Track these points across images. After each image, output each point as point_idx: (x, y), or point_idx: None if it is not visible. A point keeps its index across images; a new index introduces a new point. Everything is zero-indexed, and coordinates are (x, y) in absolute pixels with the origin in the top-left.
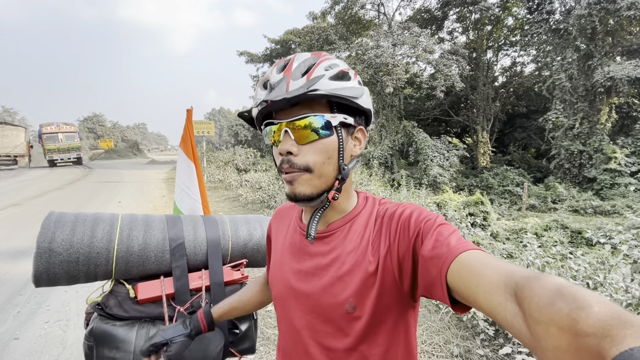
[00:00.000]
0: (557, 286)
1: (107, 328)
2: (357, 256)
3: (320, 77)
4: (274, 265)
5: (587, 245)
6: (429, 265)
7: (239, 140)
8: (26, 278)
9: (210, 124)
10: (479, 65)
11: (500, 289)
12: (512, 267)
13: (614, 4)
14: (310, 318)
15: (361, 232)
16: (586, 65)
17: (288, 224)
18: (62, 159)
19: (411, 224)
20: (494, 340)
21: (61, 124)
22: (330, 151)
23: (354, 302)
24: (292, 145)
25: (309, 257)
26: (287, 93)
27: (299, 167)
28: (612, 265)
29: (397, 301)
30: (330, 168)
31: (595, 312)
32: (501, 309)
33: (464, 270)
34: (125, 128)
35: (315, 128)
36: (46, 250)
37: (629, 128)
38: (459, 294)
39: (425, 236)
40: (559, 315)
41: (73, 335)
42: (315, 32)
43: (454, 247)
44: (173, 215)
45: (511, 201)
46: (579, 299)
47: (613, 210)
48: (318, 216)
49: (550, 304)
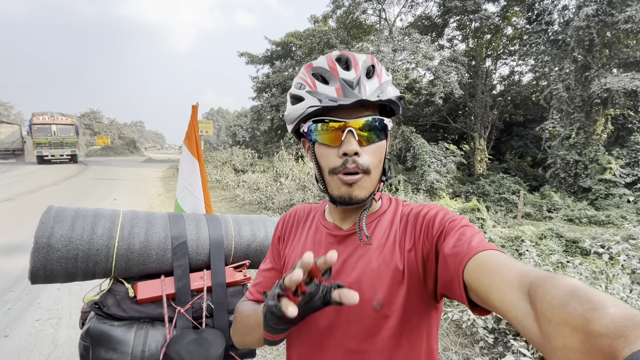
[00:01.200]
0: (572, 287)
1: (105, 328)
2: (385, 253)
3: (388, 82)
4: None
5: (581, 255)
6: (449, 262)
7: (237, 141)
8: (18, 274)
9: (209, 124)
10: (477, 73)
11: (513, 287)
12: (527, 267)
13: (612, 17)
14: (334, 318)
15: (387, 230)
16: (583, 76)
17: (308, 225)
18: (54, 155)
19: (436, 223)
20: (493, 348)
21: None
22: (382, 154)
23: (382, 299)
24: (357, 146)
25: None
26: (368, 95)
27: (362, 168)
28: (614, 275)
29: (422, 301)
30: (379, 170)
31: (609, 314)
32: (512, 307)
33: (480, 268)
34: (123, 125)
35: (378, 131)
36: (44, 245)
37: (624, 139)
38: (474, 292)
39: (448, 235)
40: (572, 315)
41: (65, 334)
42: (317, 35)
43: (474, 246)
44: (175, 213)
45: (507, 209)
46: (594, 300)
47: (607, 221)
48: (365, 216)
49: (563, 304)
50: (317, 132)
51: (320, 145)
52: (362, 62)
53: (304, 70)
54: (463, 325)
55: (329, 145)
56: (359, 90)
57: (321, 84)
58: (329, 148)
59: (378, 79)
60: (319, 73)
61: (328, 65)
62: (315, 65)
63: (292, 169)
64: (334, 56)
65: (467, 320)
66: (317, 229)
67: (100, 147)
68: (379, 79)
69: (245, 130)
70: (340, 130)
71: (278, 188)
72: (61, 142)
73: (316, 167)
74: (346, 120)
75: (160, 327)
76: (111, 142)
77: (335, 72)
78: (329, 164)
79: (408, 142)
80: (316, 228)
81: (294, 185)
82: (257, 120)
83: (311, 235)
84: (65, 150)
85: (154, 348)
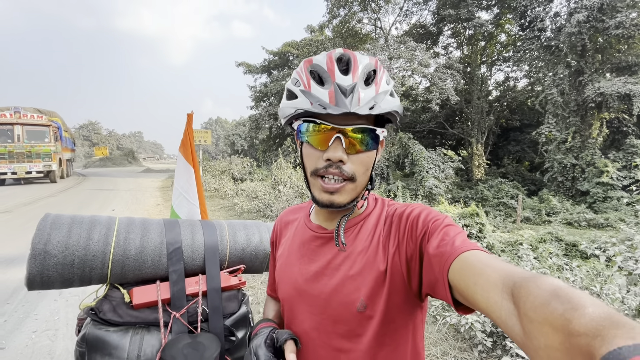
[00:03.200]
0: (554, 287)
1: (100, 334)
2: (368, 256)
3: (386, 92)
4: (281, 268)
5: (581, 258)
6: (433, 262)
7: (235, 150)
8: (14, 286)
9: (207, 133)
10: (473, 80)
11: (497, 287)
12: (511, 268)
13: (603, 23)
14: (320, 319)
15: (371, 232)
16: (577, 81)
17: (295, 226)
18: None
19: (419, 223)
20: (492, 352)
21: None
22: (370, 163)
23: (365, 301)
24: (343, 153)
25: (319, 257)
26: (360, 107)
27: (346, 175)
28: (609, 276)
29: (406, 301)
30: (365, 178)
31: (588, 313)
32: (497, 307)
33: (464, 269)
34: (121, 136)
35: (368, 141)
36: (41, 252)
37: (619, 142)
38: (459, 292)
39: (432, 235)
40: (553, 315)
41: (61, 345)
42: (313, 45)
43: (457, 247)
44: (171, 220)
45: (506, 213)
46: (574, 299)
47: (606, 223)
48: (344, 222)
49: (545, 303)
50: (306, 133)
51: (307, 145)
52: (364, 66)
53: (303, 65)
54: (461, 330)
55: (316, 148)
56: (351, 99)
57: (316, 85)
58: (316, 150)
59: (376, 88)
60: (316, 71)
61: (327, 65)
62: (314, 62)
63: (290, 177)
64: (335, 55)
65: (465, 324)
66: (303, 230)
67: (98, 158)
68: (376, 88)
69: (243, 139)
70: (329, 135)
71: (276, 196)
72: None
73: (302, 166)
74: (336, 125)
75: (156, 332)
76: (110, 153)
77: (332, 74)
78: (312, 165)
79: (406, 148)
80: (302, 230)
81: (293, 193)
82: (256, 129)
83: (298, 237)
84: (35, 164)
85: (150, 353)
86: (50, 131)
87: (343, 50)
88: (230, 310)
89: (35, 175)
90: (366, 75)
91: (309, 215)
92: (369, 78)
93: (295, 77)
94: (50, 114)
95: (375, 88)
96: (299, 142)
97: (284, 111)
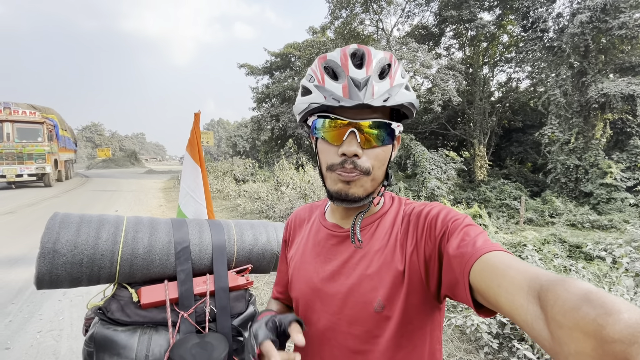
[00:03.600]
0: (584, 291)
1: (109, 333)
2: (385, 255)
3: (400, 85)
4: (296, 266)
5: (585, 260)
6: (453, 263)
7: (238, 151)
8: (19, 286)
9: (209, 134)
10: (475, 81)
11: (523, 290)
12: (536, 270)
13: (606, 24)
14: (336, 319)
15: (389, 231)
16: (580, 81)
17: (309, 225)
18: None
19: (438, 222)
20: (498, 354)
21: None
22: (386, 158)
23: (383, 301)
24: (358, 147)
25: (335, 256)
26: (373, 100)
27: (361, 169)
28: (617, 277)
29: (424, 302)
30: (381, 173)
31: (624, 319)
32: (522, 311)
33: (487, 270)
34: (124, 137)
35: (383, 135)
36: (50, 251)
37: (623, 143)
38: (480, 295)
39: (452, 235)
40: (584, 320)
41: (66, 345)
42: (315, 46)
43: (479, 247)
44: (178, 219)
45: (509, 215)
46: (607, 304)
47: (610, 225)
48: (360, 219)
49: (575, 308)
50: (321, 129)
51: (322, 141)
52: (378, 60)
53: (317, 62)
54: (467, 331)
55: (331, 143)
56: (365, 92)
57: (330, 80)
58: (330, 145)
59: (390, 81)
60: (330, 67)
61: (340, 60)
62: (328, 58)
63: (292, 178)
64: (349, 51)
65: (471, 326)
66: (318, 229)
67: (101, 160)
68: (390, 81)
69: (245, 141)
70: (343, 130)
71: (279, 197)
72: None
73: (318, 162)
74: (351, 120)
75: (164, 331)
76: (112, 154)
77: (346, 69)
78: (327, 160)
79: (408, 149)
80: (317, 228)
81: (295, 194)
82: (258, 131)
83: (312, 235)
84: (26, 166)
85: (158, 352)
86: (44, 129)
87: (357, 46)
88: (237, 310)
89: (27, 178)
90: (380, 68)
91: (324, 214)
92: (384, 72)
93: (310, 73)
94: (46, 110)
95: (389, 81)
96: (314, 138)
97: (298, 107)
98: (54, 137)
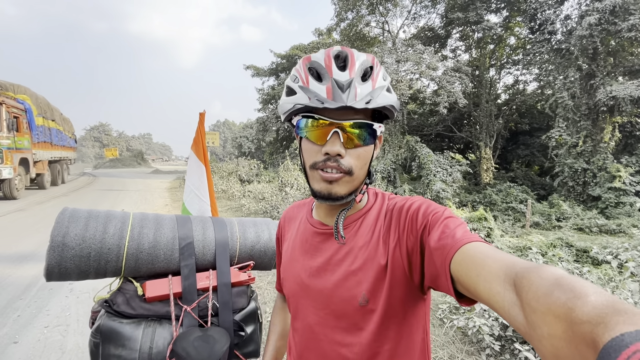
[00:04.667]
0: (556, 276)
1: (114, 325)
2: (369, 250)
3: (382, 87)
4: (285, 264)
5: (592, 264)
6: (435, 255)
7: (243, 152)
8: (27, 282)
9: (215, 135)
10: (481, 83)
11: (500, 278)
12: (513, 259)
13: (615, 26)
14: (323, 314)
15: (372, 227)
16: (588, 84)
17: (298, 222)
18: None
19: (419, 216)
20: (500, 356)
21: None
22: (368, 157)
23: (367, 295)
24: (341, 147)
25: (321, 253)
26: (356, 102)
27: (344, 169)
28: (620, 281)
29: (408, 294)
30: (363, 172)
31: (591, 301)
32: (499, 298)
33: (466, 260)
34: (131, 138)
35: (365, 135)
36: (59, 244)
37: (632, 147)
38: (461, 284)
39: (432, 228)
40: (555, 304)
41: (72, 340)
42: (321, 48)
43: (459, 239)
44: (183, 216)
45: (515, 218)
46: (577, 288)
47: (619, 230)
48: (343, 217)
49: (547, 293)
50: (305, 128)
51: (306, 140)
52: (361, 62)
53: (301, 62)
54: (469, 333)
55: (314, 142)
56: (348, 93)
57: (314, 81)
58: (314, 145)
59: (372, 84)
60: (314, 68)
61: (324, 61)
62: (312, 59)
63: (297, 179)
64: (333, 52)
65: (473, 327)
66: (305, 227)
67: (108, 159)
68: (372, 84)
69: (250, 142)
70: (327, 129)
71: (283, 197)
72: None
73: (302, 160)
74: (334, 120)
75: (167, 324)
76: (119, 154)
77: (330, 70)
78: (311, 158)
79: (413, 151)
80: (304, 226)
81: (299, 195)
82: (263, 132)
83: (300, 233)
84: None
85: (161, 345)
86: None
87: (341, 48)
88: (239, 305)
89: None
90: (363, 71)
91: (311, 211)
92: (366, 74)
93: (294, 74)
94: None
95: (371, 83)
96: (298, 137)
97: (283, 107)
98: (23, 127)
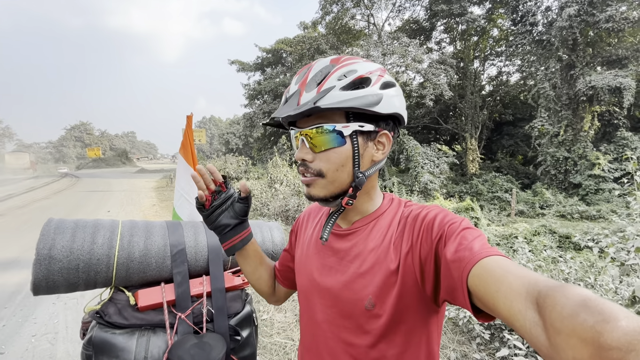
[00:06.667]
0: (583, 297)
1: (107, 336)
2: (379, 254)
3: (331, 88)
4: (300, 260)
5: (574, 250)
6: (451, 268)
7: (230, 149)
8: (11, 290)
9: (201, 132)
10: (466, 75)
11: (521, 296)
12: (535, 275)
13: (593, 17)
14: (331, 312)
15: (384, 232)
16: (569, 74)
17: (316, 221)
18: None
19: (435, 226)
20: (490, 344)
21: None
22: (344, 159)
23: (373, 299)
24: (306, 153)
25: (332, 253)
26: (297, 108)
27: (312, 172)
28: (602, 267)
29: (418, 303)
30: (344, 175)
31: (622, 326)
32: (520, 317)
33: (485, 275)
34: (114, 136)
35: (328, 138)
36: (46, 257)
37: (610, 135)
38: (479, 299)
39: (449, 239)
40: (582, 326)
41: (62, 348)
42: (307, 42)
43: (477, 252)
44: (173, 222)
45: (500, 207)
46: (605, 311)
47: (598, 215)
48: (333, 220)
49: (573, 314)
50: (291, 138)
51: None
52: (317, 71)
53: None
54: (460, 323)
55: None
56: (290, 104)
57: (282, 101)
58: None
59: (318, 88)
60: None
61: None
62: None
63: (286, 175)
64: (302, 70)
65: (464, 318)
66: (322, 227)
67: (91, 160)
68: (319, 88)
69: (238, 138)
70: (297, 137)
71: (273, 194)
72: None
73: None
74: (299, 128)
75: (162, 333)
76: (103, 154)
77: (289, 87)
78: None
79: (401, 144)
80: (320, 226)
81: (289, 191)
82: (250, 127)
83: (317, 231)
84: None
85: (157, 354)
86: None
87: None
88: (234, 310)
89: None
90: (320, 78)
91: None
92: (316, 81)
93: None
94: None
95: (317, 88)
96: None
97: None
98: None
